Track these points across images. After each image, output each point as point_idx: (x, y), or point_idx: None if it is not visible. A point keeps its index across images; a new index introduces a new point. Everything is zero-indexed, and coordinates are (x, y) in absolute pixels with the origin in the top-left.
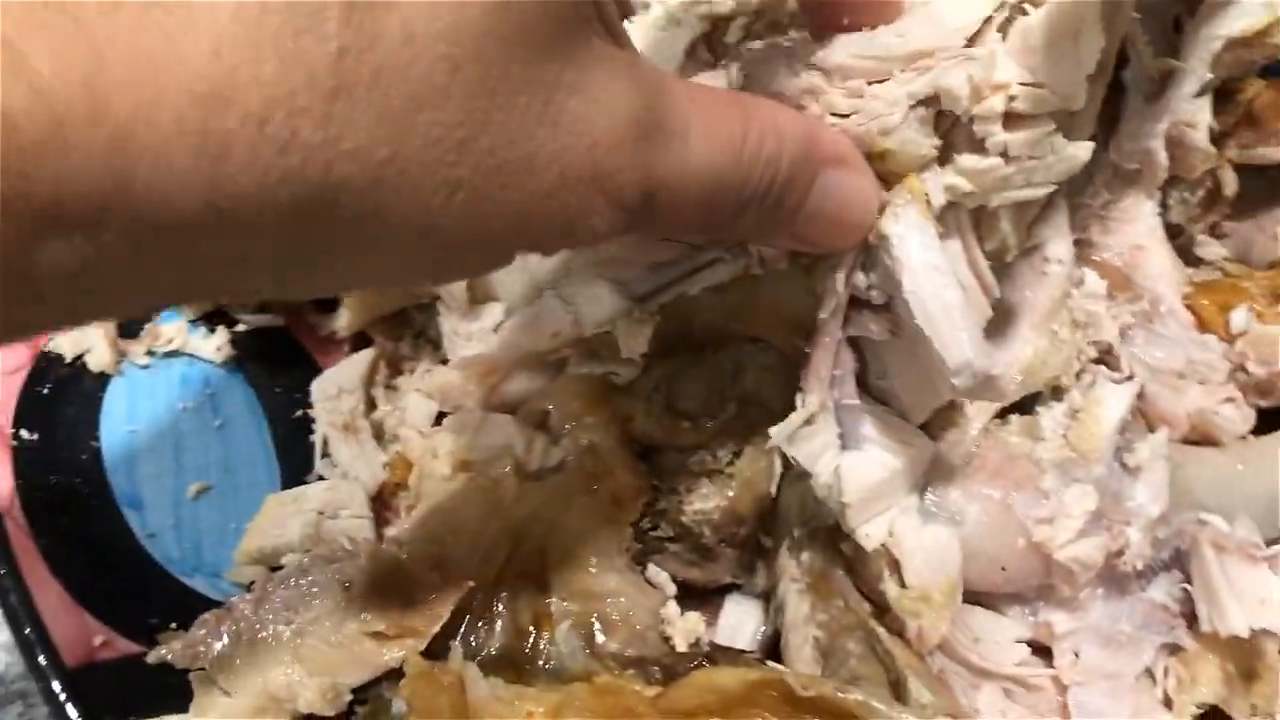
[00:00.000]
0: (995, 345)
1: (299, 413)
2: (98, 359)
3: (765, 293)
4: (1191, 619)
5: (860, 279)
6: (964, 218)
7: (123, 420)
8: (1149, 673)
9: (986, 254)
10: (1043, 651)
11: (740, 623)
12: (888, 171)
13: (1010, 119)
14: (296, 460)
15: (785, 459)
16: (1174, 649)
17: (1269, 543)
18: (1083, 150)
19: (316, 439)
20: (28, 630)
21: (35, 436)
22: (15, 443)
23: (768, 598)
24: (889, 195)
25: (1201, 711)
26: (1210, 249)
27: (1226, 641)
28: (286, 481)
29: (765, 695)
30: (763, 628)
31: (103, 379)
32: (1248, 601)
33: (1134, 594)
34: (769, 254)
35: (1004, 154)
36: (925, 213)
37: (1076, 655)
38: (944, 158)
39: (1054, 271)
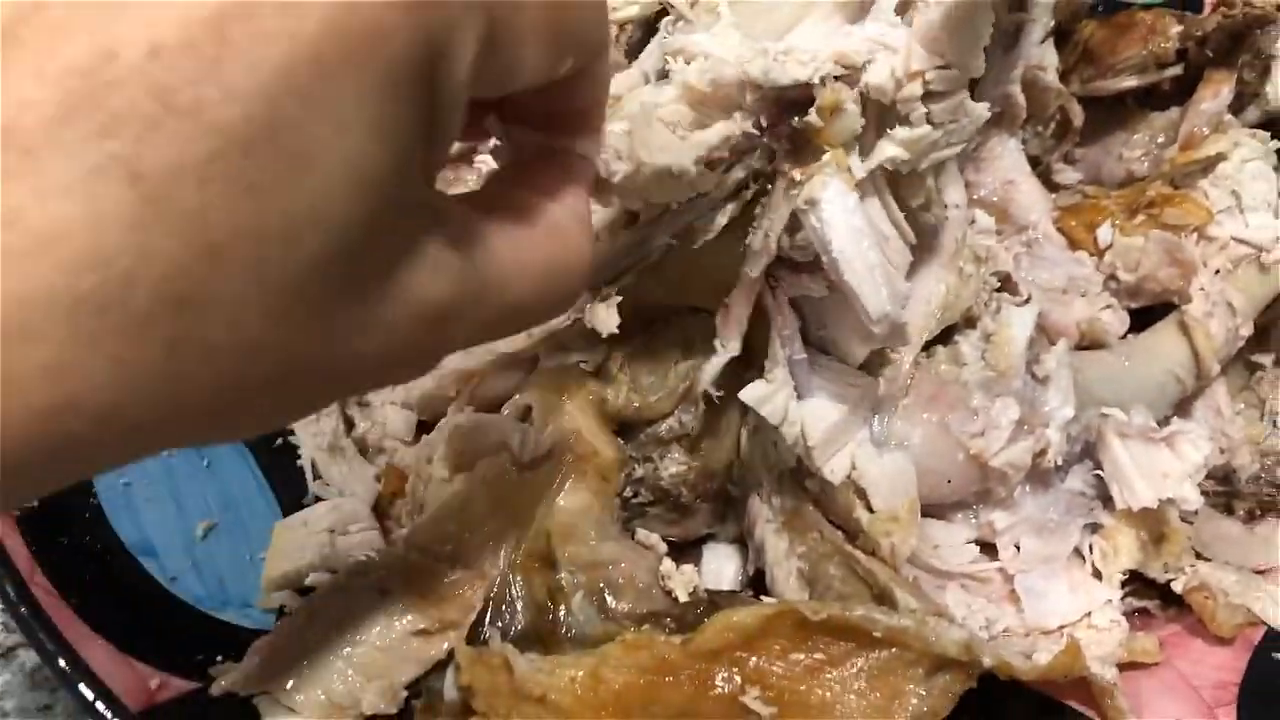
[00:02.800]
0: (913, 286)
1: (279, 441)
2: None
3: (700, 265)
4: (1106, 500)
5: (785, 240)
6: (880, 179)
7: (114, 475)
8: (1078, 552)
9: (915, 207)
10: (988, 548)
11: (721, 567)
12: (818, 144)
13: (927, 95)
14: (289, 486)
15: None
16: (1095, 528)
17: (1160, 423)
18: (984, 109)
19: (305, 463)
20: (84, 689)
21: (33, 502)
22: (17, 512)
23: (741, 542)
24: (815, 166)
25: (1125, 576)
26: (1066, 175)
27: (1138, 514)
28: (286, 508)
29: (780, 625)
30: (742, 569)
31: None
32: (1152, 477)
33: (1056, 486)
34: (699, 225)
35: (930, 122)
36: (848, 181)
37: (1017, 547)
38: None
39: (954, 215)
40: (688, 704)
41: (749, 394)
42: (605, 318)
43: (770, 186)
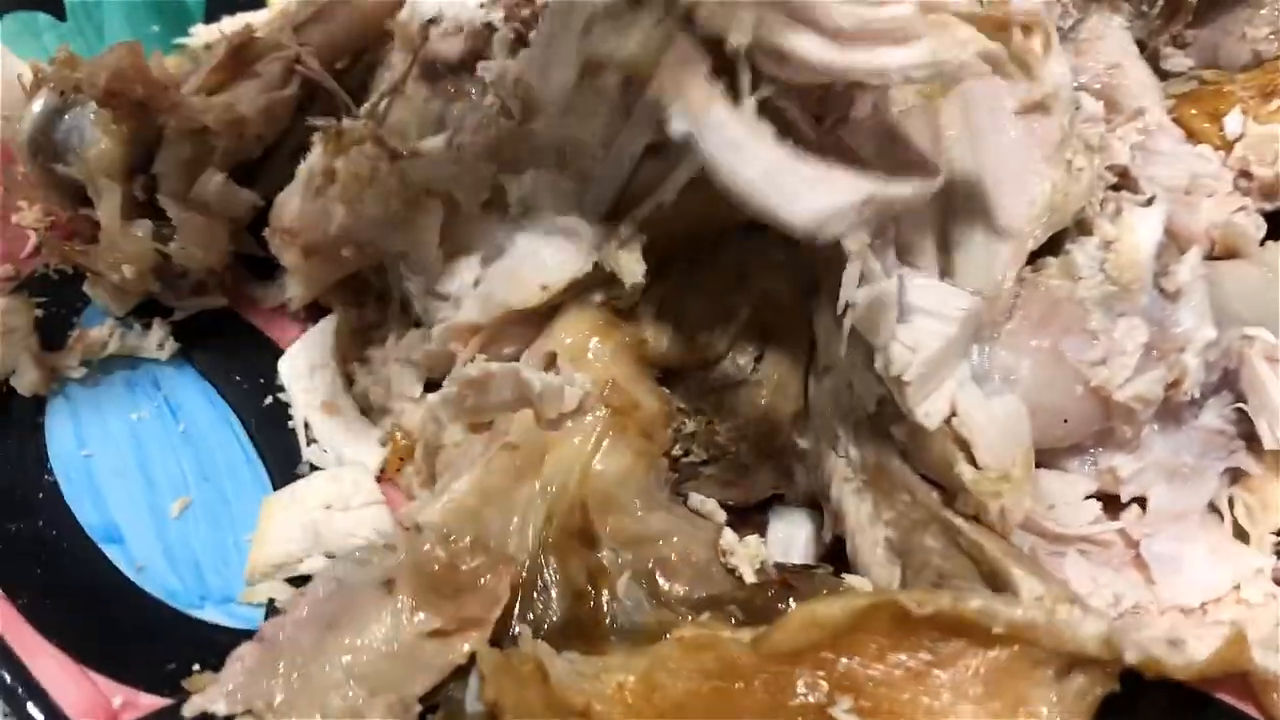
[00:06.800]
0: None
1: (268, 400)
2: (26, 381)
3: None
4: (1250, 440)
5: None
6: None
7: (73, 445)
8: (1214, 508)
9: None
10: (1108, 502)
11: (791, 535)
12: None
13: None
14: (279, 453)
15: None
16: (1236, 475)
17: None
18: None
19: (297, 424)
20: (31, 707)
21: None
22: None
23: (814, 504)
24: None
25: (1278, 540)
26: (1175, 61)
27: None
28: (275, 479)
29: (876, 620)
30: (816, 536)
31: (38, 402)
32: None
33: (1189, 423)
34: None
35: None
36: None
37: (1141, 507)
38: None
39: (1061, 95)
40: (763, 716)
41: (860, 293)
42: (629, 264)
43: None
